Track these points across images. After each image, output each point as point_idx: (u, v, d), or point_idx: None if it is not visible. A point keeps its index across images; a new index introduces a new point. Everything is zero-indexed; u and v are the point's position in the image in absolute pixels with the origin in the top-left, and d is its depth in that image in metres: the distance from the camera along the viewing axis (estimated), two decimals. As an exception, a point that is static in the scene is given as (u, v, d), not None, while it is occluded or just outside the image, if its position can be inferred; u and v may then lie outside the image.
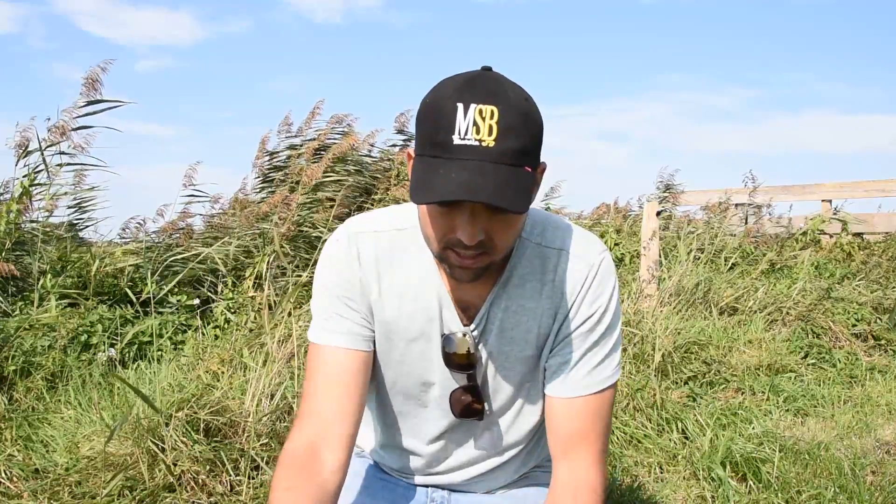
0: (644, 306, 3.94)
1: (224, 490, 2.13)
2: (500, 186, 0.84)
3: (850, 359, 4.17)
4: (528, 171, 0.88)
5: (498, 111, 0.85)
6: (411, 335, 1.07)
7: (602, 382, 1.06)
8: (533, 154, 0.90)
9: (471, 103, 0.85)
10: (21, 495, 2.03)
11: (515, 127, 0.85)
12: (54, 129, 3.81)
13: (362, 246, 1.06)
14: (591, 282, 1.05)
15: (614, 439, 2.71)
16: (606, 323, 1.06)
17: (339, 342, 1.05)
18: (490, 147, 0.84)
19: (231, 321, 3.36)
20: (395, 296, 1.06)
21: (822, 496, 2.29)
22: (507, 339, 1.07)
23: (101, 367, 2.92)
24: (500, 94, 0.86)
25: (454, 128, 0.84)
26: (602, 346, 1.06)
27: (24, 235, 3.89)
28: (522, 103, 0.88)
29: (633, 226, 6.48)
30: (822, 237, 7.49)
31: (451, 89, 0.87)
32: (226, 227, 4.80)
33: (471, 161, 0.84)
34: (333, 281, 1.07)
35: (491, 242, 0.92)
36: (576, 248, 1.06)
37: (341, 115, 5.66)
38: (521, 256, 1.05)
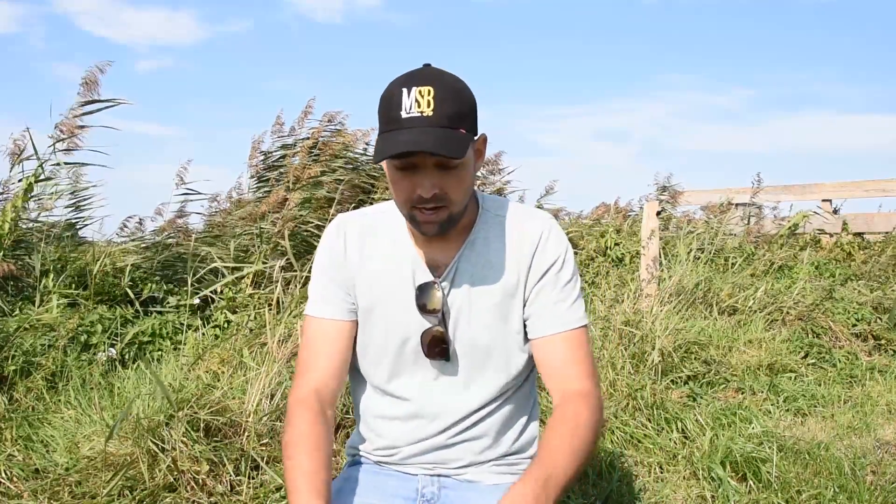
0: (644, 306, 3.94)
1: (224, 490, 2.13)
2: (440, 140, 1.08)
3: (850, 359, 4.17)
4: (463, 132, 1.12)
5: (434, 89, 1.09)
6: (392, 287, 1.26)
7: (579, 320, 1.25)
8: (466, 120, 1.13)
9: (412, 86, 1.09)
10: (21, 495, 2.03)
11: (448, 98, 1.10)
12: (61, 126, 3.81)
13: (349, 226, 1.30)
14: (548, 236, 1.26)
15: (614, 439, 2.71)
16: (570, 269, 1.26)
17: (327, 313, 1.28)
18: (429, 115, 1.08)
19: (231, 321, 3.36)
20: (378, 258, 1.27)
21: (822, 496, 2.29)
22: (476, 290, 1.25)
23: (101, 367, 2.92)
24: (434, 78, 1.11)
25: (401, 106, 1.09)
26: (571, 289, 1.26)
27: (23, 235, 3.89)
28: (453, 83, 1.13)
29: (633, 226, 6.48)
30: (822, 237, 7.50)
31: (398, 81, 1.12)
32: (224, 226, 4.80)
33: (415, 128, 1.08)
34: (323, 260, 1.30)
35: (445, 195, 1.14)
36: (530, 216, 1.30)
37: (333, 112, 5.64)
38: (485, 224, 1.27)
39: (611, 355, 3.21)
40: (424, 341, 1.26)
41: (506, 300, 1.25)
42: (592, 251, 5.80)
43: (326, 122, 5.57)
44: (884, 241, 7.12)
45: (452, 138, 1.09)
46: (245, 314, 3.28)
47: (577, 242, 6.15)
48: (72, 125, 3.80)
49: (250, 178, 5.65)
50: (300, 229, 4.35)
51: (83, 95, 3.90)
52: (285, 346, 2.65)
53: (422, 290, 1.24)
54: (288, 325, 2.76)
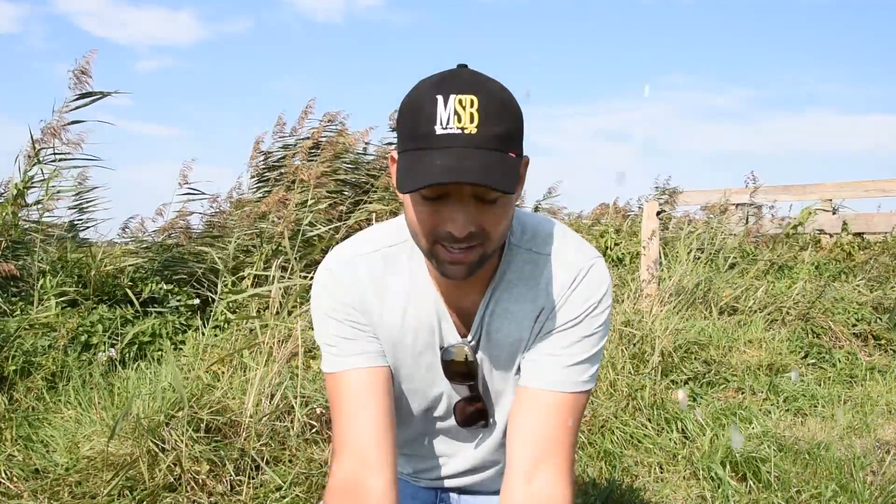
0: (644, 306, 3.94)
1: (224, 490, 2.13)
2: (487, 168, 0.84)
3: (849, 359, 4.17)
4: (513, 156, 0.88)
5: (478, 99, 0.85)
6: (417, 349, 1.06)
7: (579, 384, 1.02)
8: (516, 140, 0.90)
9: (450, 94, 0.85)
10: (21, 495, 2.03)
11: (496, 113, 0.86)
12: (47, 129, 3.79)
13: (356, 270, 1.05)
14: (578, 285, 1.02)
15: (614, 439, 2.71)
16: (593, 326, 1.03)
17: (355, 364, 1.03)
18: (473, 134, 0.84)
19: (231, 321, 3.35)
20: (396, 313, 1.05)
21: (822, 496, 2.29)
22: (495, 345, 1.06)
23: (101, 367, 2.92)
24: (478, 84, 0.87)
25: (435, 118, 0.85)
26: (583, 348, 1.03)
27: (23, 235, 3.89)
28: (501, 92, 0.89)
29: (633, 226, 6.48)
30: (822, 237, 7.49)
31: (429, 85, 0.88)
32: (224, 226, 4.80)
33: (455, 148, 0.84)
34: (332, 307, 1.05)
35: (482, 232, 0.91)
36: (566, 253, 1.04)
37: (333, 112, 5.65)
38: (512, 261, 1.04)
39: (611, 355, 3.21)
40: (460, 417, 1.12)
41: (516, 346, 1.07)
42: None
43: (327, 122, 5.58)
44: (884, 241, 7.12)
45: (503, 165, 0.85)
46: (245, 314, 3.27)
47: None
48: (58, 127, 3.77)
49: (251, 178, 5.66)
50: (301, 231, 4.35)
51: (75, 88, 3.86)
52: (285, 347, 2.65)
53: (449, 354, 1.05)
54: (289, 325, 2.76)
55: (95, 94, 3.90)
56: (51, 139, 3.76)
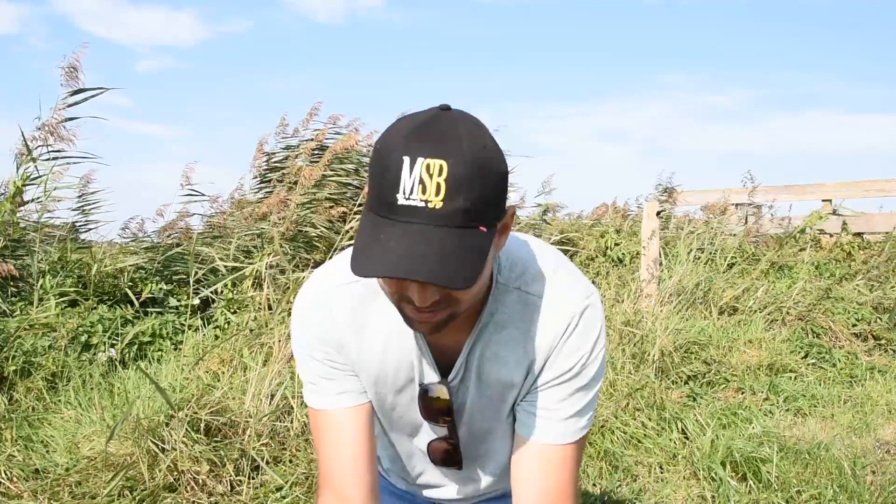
0: (644, 306, 3.94)
1: (224, 490, 2.13)
2: (444, 259, 0.77)
3: (850, 359, 4.17)
4: (483, 230, 0.80)
5: (447, 166, 0.76)
6: (399, 384, 1.04)
7: (578, 432, 1.01)
8: (490, 210, 0.81)
9: (417, 157, 0.77)
10: (21, 495, 2.03)
11: (466, 183, 0.77)
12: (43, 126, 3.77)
13: (334, 303, 1.00)
14: (571, 335, 0.97)
15: (614, 439, 2.71)
16: (589, 375, 1.00)
17: (335, 404, 1.03)
18: (436, 209, 0.77)
19: (231, 321, 3.36)
20: (376, 349, 1.01)
21: (822, 496, 2.29)
22: (485, 386, 1.03)
23: (101, 368, 2.92)
24: (451, 145, 0.78)
25: (399, 185, 0.77)
26: (580, 398, 1.00)
27: (23, 235, 3.89)
28: (477, 153, 0.79)
29: (633, 226, 6.48)
30: (822, 237, 7.49)
31: (400, 137, 0.79)
32: (225, 227, 4.80)
33: (415, 225, 0.77)
34: (310, 345, 1.02)
35: (448, 299, 0.85)
36: (558, 295, 0.98)
37: (338, 115, 5.66)
38: (501, 302, 0.98)
39: (611, 355, 3.21)
40: (434, 455, 1.12)
41: (506, 391, 1.04)
42: (592, 251, 5.81)
43: (331, 124, 5.59)
44: (884, 240, 7.12)
45: (465, 249, 0.79)
46: (245, 314, 3.27)
47: (578, 242, 6.15)
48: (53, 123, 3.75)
49: (252, 179, 5.66)
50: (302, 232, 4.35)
51: (66, 85, 3.84)
52: (285, 346, 2.66)
53: (427, 393, 1.03)
54: (289, 325, 2.76)
55: (87, 90, 3.88)
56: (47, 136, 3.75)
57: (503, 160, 0.83)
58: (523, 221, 6.24)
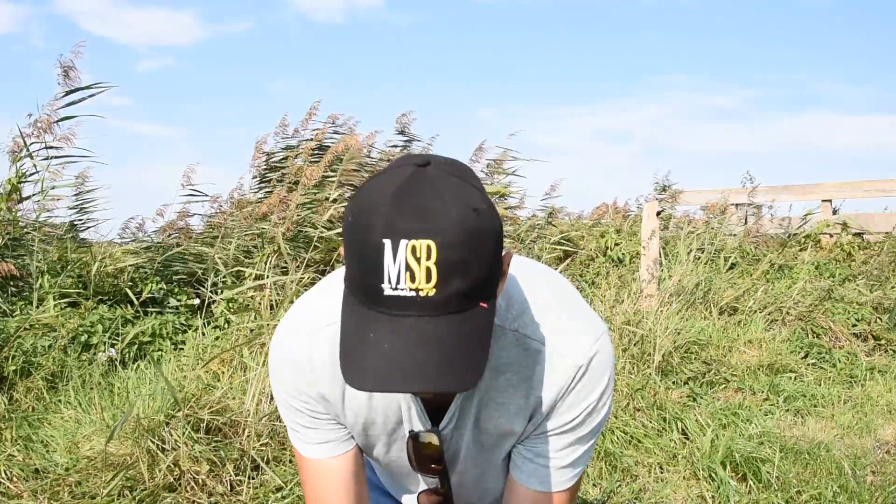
0: (644, 306, 3.94)
1: (224, 490, 2.13)
2: (447, 358, 0.68)
3: (850, 359, 4.17)
4: (485, 307, 0.72)
5: (436, 247, 0.66)
6: (389, 428, 0.97)
7: (573, 479, 0.97)
8: (490, 279, 0.73)
9: (400, 239, 0.66)
10: (21, 495, 2.03)
11: (462, 261, 0.68)
12: (37, 123, 3.76)
13: (314, 350, 0.91)
14: (576, 385, 0.89)
15: (614, 439, 2.71)
16: (593, 424, 0.93)
17: (317, 454, 0.98)
18: (430, 297, 0.67)
19: (231, 321, 3.36)
20: (362, 396, 0.93)
21: (822, 496, 2.29)
22: (482, 433, 0.96)
23: (101, 368, 2.92)
24: (436, 218, 0.67)
25: (382, 273, 0.67)
26: (582, 445, 0.95)
27: (22, 234, 3.88)
28: (469, 221, 0.69)
29: (633, 226, 6.48)
30: (822, 237, 7.49)
31: (377, 214, 0.68)
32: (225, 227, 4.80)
33: (408, 318, 0.68)
34: (289, 394, 0.95)
35: None
36: (563, 341, 0.89)
37: (338, 114, 5.66)
38: (497, 345, 0.88)
39: (611, 355, 3.21)
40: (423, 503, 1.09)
41: (504, 438, 0.98)
42: (592, 251, 5.81)
43: (331, 123, 5.59)
44: (884, 240, 7.12)
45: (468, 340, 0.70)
46: (245, 314, 3.27)
47: (578, 243, 6.15)
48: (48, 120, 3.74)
49: (252, 179, 5.66)
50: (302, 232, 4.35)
51: (63, 85, 3.83)
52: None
53: (416, 437, 0.95)
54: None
55: (83, 88, 3.88)
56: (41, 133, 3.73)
57: (495, 215, 0.73)
58: (525, 224, 6.23)
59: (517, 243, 5.38)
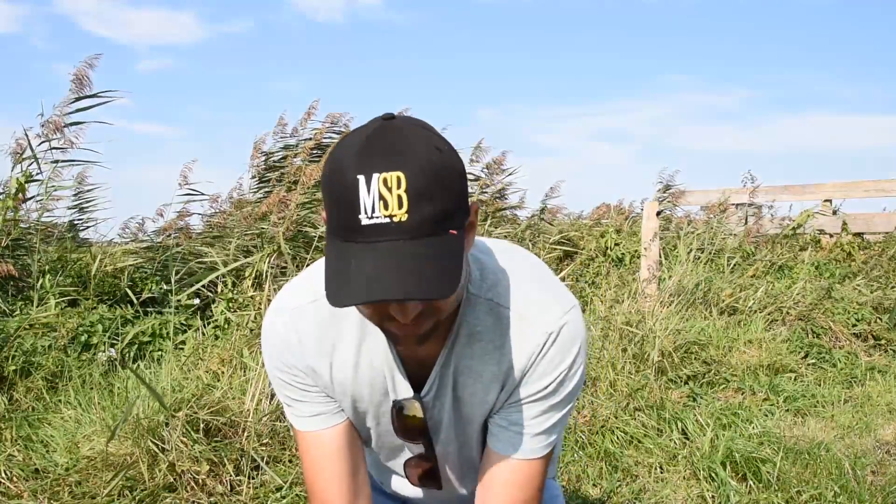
0: (644, 306, 3.94)
1: (224, 490, 2.13)
2: (422, 271, 0.74)
3: (850, 359, 4.17)
4: (454, 234, 0.78)
5: (405, 176, 0.74)
6: (376, 400, 1.01)
7: (549, 445, 1.00)
8: (457, 211, 0.79)
9: (373, 173, 0.74)
10: (21, 495, 2.03)
11: (429, 189, 0.74)
12: (47, 124, 3.78)
13: (300, 324, 0.97)
14: (547, 352, 0.93)
15: (614, 439, 2.71)
16: (565, 392, 0.97)
17: (311, 426, 1.03)
18: (403, 222, 0.74)
19: (231, 321, 3.35)
20: (348, 367, 0.98)
21: (822, 496, 2.29)
22: (460, 403, 1.00)
23: (101, 367, 2.92)
24: (405, 154, 0.75)
25: (359, 206, 0.74)
26: (554, 414, 0.98)
27: (23, 235, 3.88)
28: (433, 157, 0.76)
29: (634, 226, 6.48)
30: (822, 237, 7.50)
31: (350, 157, 0.76)
32: (225, 226, 4.80)
33: (384, 242, 0.74)
34: (279, 368, 1.01)
35: (431, 308, 0.83)
36: (533, 310, 0.94)
37: (337, 114, 5.65)
38: (471, 313, 0.94)
39: (611, 355, 3.21)
40: (411, 474, 1.12)
41: (481, 406, 1.02)
42: (593, 251, 5.81)
43: (329, 123, 5.58)
44: (884, 240, 7.12)
45: (442, 258, 0.76)
46: (245, 314, 3.27)
47: (578, 243, 6.15)
48: (59, 122, 3.76)
49: (251, 179, 5.67)
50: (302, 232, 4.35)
51: (74, 92, 3.86)
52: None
53: (400, 409, 1.00)
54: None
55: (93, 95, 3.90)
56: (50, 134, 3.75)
57: (458, 158, 0.81)
58: (524, 223, 6.23)
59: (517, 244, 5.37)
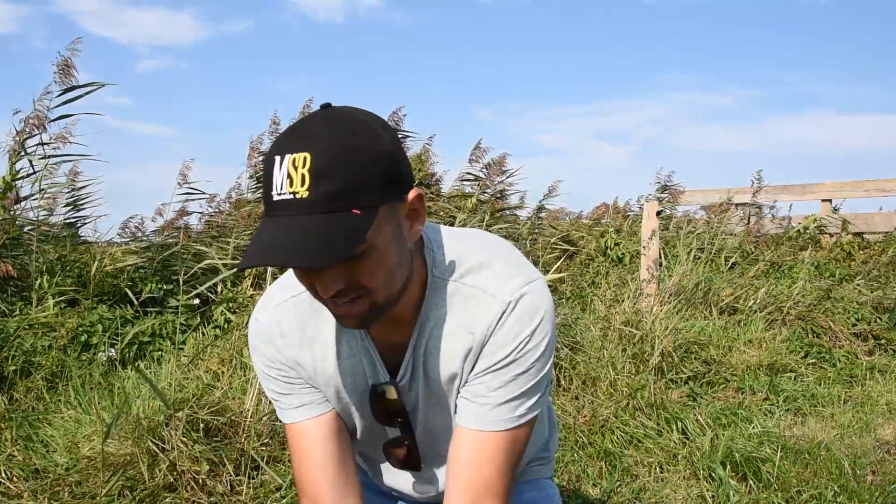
0: (644, 306, 3.94)
1: (224, 490, 2.13)
2: (304, 241, 0.78)
3: (850, 358, 4.17)
4: (357, 213, 0.80)
5: (311, 156, 0.79)
6: (359, 389, 1.05)
7: (514, 420, 0.98)
8: (364, 192, 0.81)
9: (286, 154, 0.80)
10: (21, 495, 2.03)
11: (329, 168, 0.79)
12: (28, 120, 3.72)
13: (282, 318, 1.02)
14: (505, 321, 0.95)
15: (615, 439, 2.71)
16: (528, 362, 0.97)
17: (297, 417, 1.06)
18: (303, 197, 0.79)
19: (231, 321, 3.35)
20: (329, 358, 1.02)
21: (822, 496, 2.29)
22: (433, 383, 1.02)
23: (101, 367, 2.92)
24: (316, 137, 0.80)
25: (272, 183, 0.81)
26: (518, 385, 0.98)
27: (21, 235, 3.88)
28: (344, 139, 0.80)
29: (633, 226, 6.48)
30: (822, 237, 7.50)
31: (276, 140, 0.83)
32: (224, 226, 4.80)
33: (285, 217, 0.80)
34: (264, 363, 1.06)
35: (357, 285, 0.85)
36: (494, 284, 0.97)
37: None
38: (438, 296, 0.98)
39: (611, 355, 3.21)
40: (392, 457, 1.12)
41: (452, 384, 1.03)
42: (592, 251, 5.81)
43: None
44: (884, 240, 7.13)
45: (330, 231, 0.79)
46: (245, 314, 3.27)
47: (577, 242, 6.15)
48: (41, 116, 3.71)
49: (249, 179, 5.67)
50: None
51: (60, 83, 3.80)
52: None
53: (379, 394, 1.03)
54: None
55: (81, 86, 3.85)
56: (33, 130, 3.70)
57: (380, 142, 0.83)
58: (524, 223, 6.23)
59: (517, 244, 5.38)
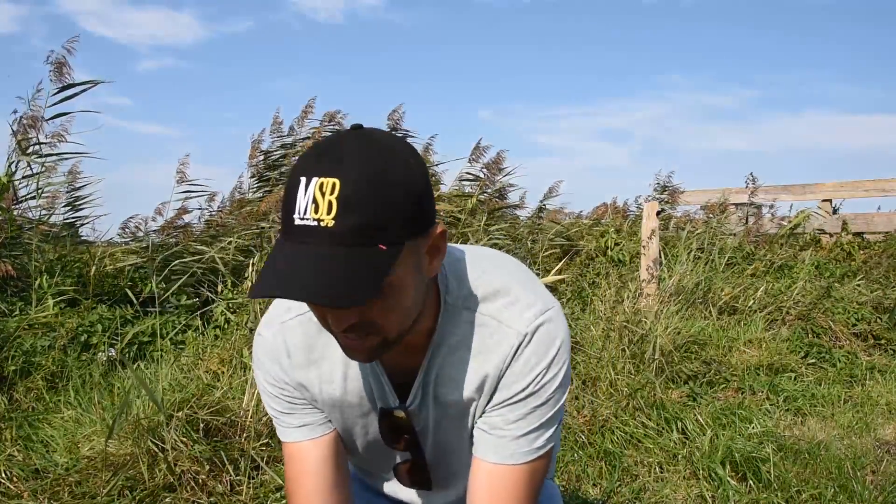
0: (644, 306, 3.94)
1: (224, 490, 2.13)
2: (326, 277, 0.74)
3: (850, 358, 4.17)
4: (382, 248, 0.77)
5: (340, 184, 0.74)
6: (364, 410, 1.03)
7: (533, 452, 0.97)
8: (392, 228, 0.77)
9: (313, 176, 0.75)
10: (21, 495, 2.03)
11: (359, 199, 0.75)
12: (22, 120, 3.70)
13: (289, 336, 1.00)
14: (521, 353, 0.94)
15: (614, 439, 2.71)
16: (545, 395, 0.95)
17: (296, 437, 1.05)
18: (328, 227, 0.74)
19: (231, 321, 3.35)
20: (336, 379, 1.00)
21: (822, 496, 2.29)
22: (443, 408, 1.00)
23: (101, 367, 2.92)
24: (346, 163, 0.76)
25: (295, 205, 0.76)
26: (536, 417, 0.97)
27: (21, 234, 3.88)
28: (376, 169, 0.76)
29: (633, 226, 6.48)
30: (822, 237, 7.50)
31: (303, 159, 0.79)
32: (224, 226, 4.80)
33: (306, 244, 0.76)
34: (267, 382, 1.04)
35: (369, 323, 0.83)
36: (508, 314, 0.94)
37: (333, 112, 5.65)
38: (451, 323, 0.95)
39: (611, 355, 3.21)
40: (402, 477, 1.12)
41: (464, 410, 1.02)
42: (592, 251, 5.80)
43: (327, 121, 5.59)
44: (884, 240, 7.13)
45: (356, 268, 0.75)
46: (245, 314, 3.27)
47: (578, 242, 6.15)
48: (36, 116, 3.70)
49: (251, 178, 5.67)
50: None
51: (56, 82, 3.78)
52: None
53: (387, 418, 1.02)
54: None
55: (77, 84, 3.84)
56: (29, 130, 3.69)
57: (414, 179, 0.80)
58: (523, 223, 6.23)
59: (516, 243, 5.38)
